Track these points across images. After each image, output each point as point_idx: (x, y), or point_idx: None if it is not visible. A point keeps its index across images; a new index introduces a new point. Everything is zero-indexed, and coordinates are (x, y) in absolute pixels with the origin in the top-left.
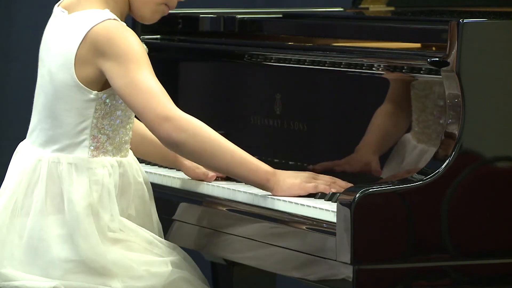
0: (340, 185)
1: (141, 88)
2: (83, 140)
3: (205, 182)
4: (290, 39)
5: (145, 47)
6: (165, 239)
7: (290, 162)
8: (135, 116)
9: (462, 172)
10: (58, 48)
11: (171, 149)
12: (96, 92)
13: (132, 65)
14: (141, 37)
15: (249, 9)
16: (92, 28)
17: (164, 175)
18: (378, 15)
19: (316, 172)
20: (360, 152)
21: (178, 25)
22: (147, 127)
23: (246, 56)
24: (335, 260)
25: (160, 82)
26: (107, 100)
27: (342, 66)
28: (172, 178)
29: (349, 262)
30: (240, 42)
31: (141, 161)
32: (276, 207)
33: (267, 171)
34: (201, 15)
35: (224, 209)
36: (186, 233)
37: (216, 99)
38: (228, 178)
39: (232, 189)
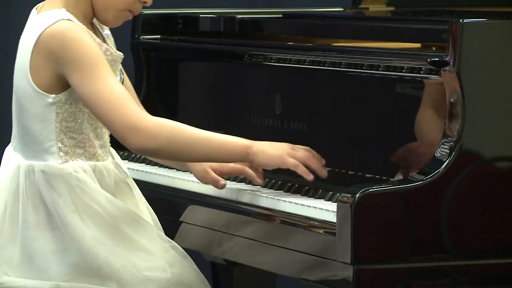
0: (315, 163)
1: (104, 96)
2: (50, 146)
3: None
4: (290, 39)
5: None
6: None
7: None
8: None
9: (462, 172)
10: (19, 52)
11: (145, 156)
12: (54, 95)
13: (91, 71)
14: (141, 37)
15: (249, 9)
16: (43, 31)
17: (164, 175)
18: (378, 15)
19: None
20: (361, 151)
21: (178, 25)
22: (115, 136)
23: (246, 56)
24: (335, 260)
25: (160, 82)
26: (68, 101)
27: (342, 66)
28: (173, 178)
29: (349, 262)
30: (240, 42)
31: (141, 161)
32: (276, 207)
33: (245, 145)
34: (201, 15)
35: (224, 209)
36: (187, 234)
37: (216, 99)
38: (228, 178)
39: (234, 189)
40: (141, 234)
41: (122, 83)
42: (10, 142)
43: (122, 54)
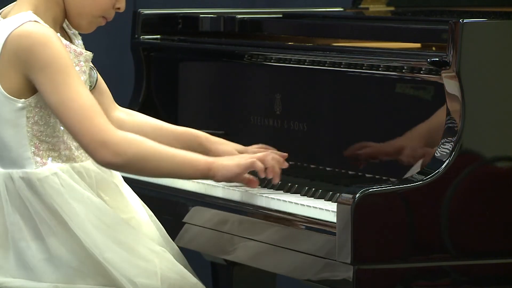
0: (275, 159)
1: (72, 107)
2: (24, 151)
3: (202, 182)
4: (290, 39)
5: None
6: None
7: (290, 162)
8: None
9: (462, 172)
10: None
11: (113, 169)
12: (23, 100)
13: (59, 77)
14: (141, 37)
15: (249, 9)
16: (10, 34)
17: None
18: (378, 15)
19: (321, 171)
20: (361, 150)
21: (178, 25)
22: (83, 150)
23: (246, 56)
24: (335, 260)
25: (160, 82)
26: (38, 105)
27: (342, 66)
28: (173, 178)
29: (349, 262)
30: (240, 42)
31: None
32: (276, 207)
33: (207, 162)
34: (201, 15)
35: (224, 209)
36: (187, 234)
37: (216, 99)
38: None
39: (234, 189)
40: (127, 236)
41: (96, 81)
42: None
43: (91, 53)
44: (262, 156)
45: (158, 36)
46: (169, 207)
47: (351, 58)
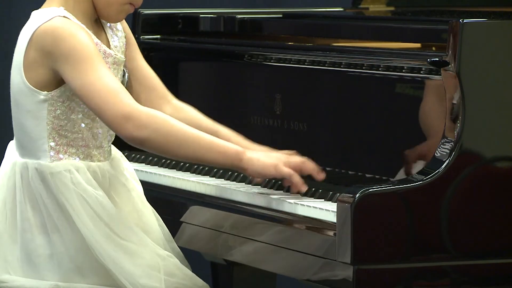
0: (311, 167)
1: (96, 87)
2: (42, 144)
3: (202, 182)
4: (290, 39)
5: (96, 45)
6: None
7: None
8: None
9: (462, 172)
10: (16, 49)
11: (136, 146)
12: (46, 92)
13: (84, 65)
14: (141, 37)
15: (249, 9)
16: (37, 28)
17: (164, 175)
18: (378, 15)
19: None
20: (361, 151)
21: (178, 25)
22: (108, 127)
23: (246, 56)
24: (335, 260)
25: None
26: (60, 99)
27: (342, 66)
28: (173, 178)
29: (349, 262)
30: (240, 42)
31: (141, 161)
32: (275, 207)
33: (238, 151)
34: (201, 15)
35: (224, 209)
36: (187, 234)
37: (216, 99)
38: (227, 178)
39: (234, 189)
40: (132, 238)
41: (125, 84)
42: (9, 139)
43: (122, 57)
44: (300, 163)
45: (158, 36)
46: (169, 207)
47: (351, 58)
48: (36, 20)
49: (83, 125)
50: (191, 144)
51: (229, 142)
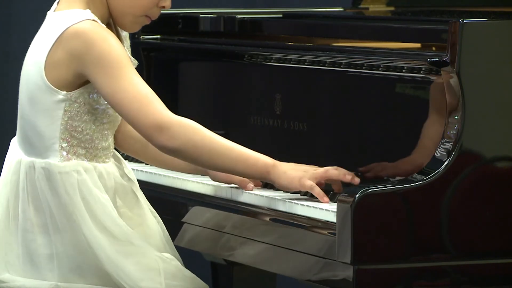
0: (336, 174)
1: (129, 95)
2: (53, 144)
3: (202, 182)
4: (290, 39)
5: (127, 51)
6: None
7: (290, 162)
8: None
9: (462, 172)
10: (35, 48)
11: (169, 155)
12: (65, 92)
13: (116, 71)
14: (141, 37)
15: (249, 9)
16: (67, 28)
17: (164, 175)
18: (378, 15)
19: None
20: (361, 151)
21: (178, 25)
22: (140, 135)
23: (246, 56)
24: (335, 260)
25: (160, 82)
26: (78, 100)
27: (342, 66)
28: (173, 178)
29: (349, 262)
30: (240, 42)
31: (141, 161)
32: (275, 207)
33: (267, 164)
34: (201, 15)
35: (224, 209)
36: (187, 234)
37: (216, 99)
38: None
39: (234, 189)
40: (133, 242)
41: None
42: (9, 138)
43: (136, 60)
44: (324, 172)
45: (158, 36)
46: (169, 207)
47: (351, 58)
48: (64, 21)
49: (93, 126)
50: (222, 156)
51: (260, 154)
